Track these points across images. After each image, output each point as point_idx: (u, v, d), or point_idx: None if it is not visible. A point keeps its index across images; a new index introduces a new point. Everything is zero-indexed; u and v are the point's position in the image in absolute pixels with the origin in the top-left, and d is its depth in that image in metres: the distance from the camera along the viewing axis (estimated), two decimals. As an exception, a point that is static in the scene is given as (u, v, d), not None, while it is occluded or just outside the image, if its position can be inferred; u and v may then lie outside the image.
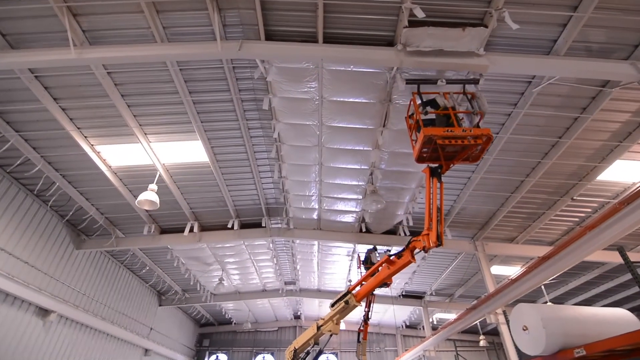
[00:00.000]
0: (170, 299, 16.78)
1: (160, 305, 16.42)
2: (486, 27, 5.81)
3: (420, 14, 5.51)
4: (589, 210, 10.15)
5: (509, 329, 6.27)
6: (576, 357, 5.02)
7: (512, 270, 13.93)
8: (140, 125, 8.03)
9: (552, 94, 7.05)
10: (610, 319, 5.68)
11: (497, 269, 13.74)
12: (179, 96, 7.43)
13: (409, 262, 6.42)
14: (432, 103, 6.27)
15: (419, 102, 6.27)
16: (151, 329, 15.52)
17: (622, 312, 5.85)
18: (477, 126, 5.99)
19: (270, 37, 6.34)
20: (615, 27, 5.87)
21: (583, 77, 6.38)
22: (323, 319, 7.63)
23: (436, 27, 5.78)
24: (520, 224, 11.05)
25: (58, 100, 7.34)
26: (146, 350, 15.05)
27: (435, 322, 19.34)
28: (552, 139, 7.99)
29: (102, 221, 10.84)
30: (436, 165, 6.26)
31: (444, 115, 6.02)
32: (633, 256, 10.96)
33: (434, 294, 16.41)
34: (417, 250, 6.26)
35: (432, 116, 6.10)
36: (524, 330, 5.72)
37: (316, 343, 7.85)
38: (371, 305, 12.58)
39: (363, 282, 7.51)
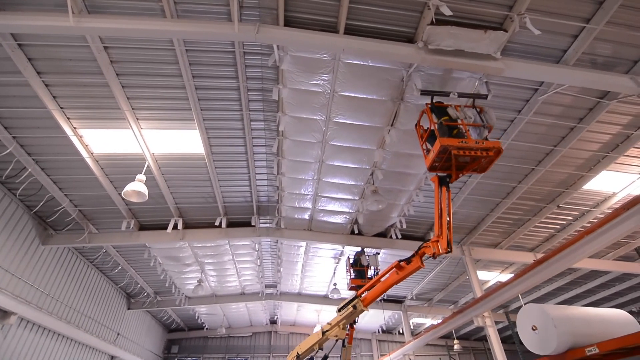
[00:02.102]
0: (140, 302, 15.64)
1: (129, 309, 15.26)
2: (506, 31, 5.92)
3: (447, 12, 5.49)
4: (570, 218, 10.69)
5: (515, 331, 6.33)
6: (588, 355, 5.14)
7: (491, 275, 14.40)
8: (132, 109, 7.41)
9: (554, 103, 7.34)
10: (612, 318, 5.90)
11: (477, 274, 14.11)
12: (181, 80, 6.94)
13: (419, 268, 6.48)
14: (443, 111, 6.38)
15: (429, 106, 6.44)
16: (118, 334, 14.35)
17: (620, 313, 6.11)
18: (486, 139, 6.18)
19: (288, 23, 6.08)
20: (621, 42, 6.22)
21: (589, 88, 6.67)
22: (329, 324, 7.49)
23: (459, 27, 5.81)
24: (506, 230, 11.42)
25: (42, 74, 6.59)
26: (112, 357, 13.89)
27: (411, 327, 19.53)
28: (548, 147, 8.31)
29: (76, 214, 9.87)
30: (445, 174, 6.40)
31: (446, 125, 6.16)
32: (605, 264, 11.69)
33: (414, 298, 16.57)
34: (426, 255, 6.33)
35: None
36: (533, 330, 5.80)
37: (320, 348, 7.67)
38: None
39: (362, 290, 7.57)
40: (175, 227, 10.62)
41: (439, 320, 18.04)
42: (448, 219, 6.02)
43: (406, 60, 6.31)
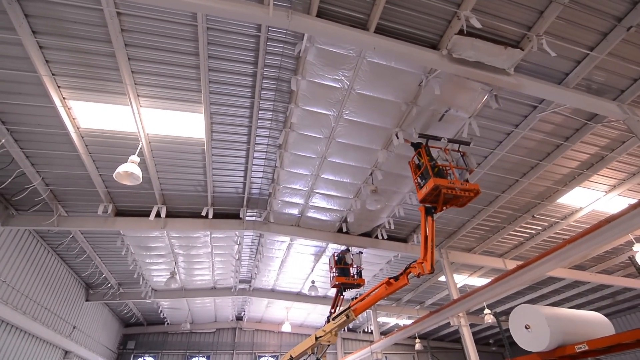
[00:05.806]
0: (100, 294, 14.48)
1: (87, 300, 14.07)
2: (522, 49, 6.33)
3: (477, 24, 5.75)
4: (539, 228, 11.65)
5: (511, 331, 6.75)
6: (577, 352, 5.65)
7: (459, 278, 15.22)
8: (135, 84, 6.88)
9: (548, 121, 7.96)
10: (592, 320, 6.52)
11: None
12: (195, 59, 6.57)
13: (405, 285, 7.80)
14: (426, 150, 7.62)
15: (413, 149, 7.87)
16: (74, 327, 13.18)
17: (597, 315, 6.77)
18: (467, 180, 7.25)
19: (319, 14, 5.99)
20: (614, 71, 6.90)
21: (582, 110, 7.33)
22: (324, 330, 8.22)
23: (482, 40, 6.11)
24: (482, 236, 12.16)
25: (38, 34, 5.90)
26: (66, 352, 12.73)
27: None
28: (534, 161, 8.99)
29: (46, 194, 8.92)
30: (430, 206, 7.41)
31: (435, 167, 7.29)
32: (562, 272, 12.84)
33: (385, 298, 16.99)
34: (411, 274, 7.55)
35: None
36: (527, 328, 6.24)
37: (312, 352, 8.30)
38: (337, 306, 12.56)
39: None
40: (157, 215, 10.02)
41: (407, 320, 18.78)
42: (432, 244, 7.15)
43: (430, 65, 6.50)
